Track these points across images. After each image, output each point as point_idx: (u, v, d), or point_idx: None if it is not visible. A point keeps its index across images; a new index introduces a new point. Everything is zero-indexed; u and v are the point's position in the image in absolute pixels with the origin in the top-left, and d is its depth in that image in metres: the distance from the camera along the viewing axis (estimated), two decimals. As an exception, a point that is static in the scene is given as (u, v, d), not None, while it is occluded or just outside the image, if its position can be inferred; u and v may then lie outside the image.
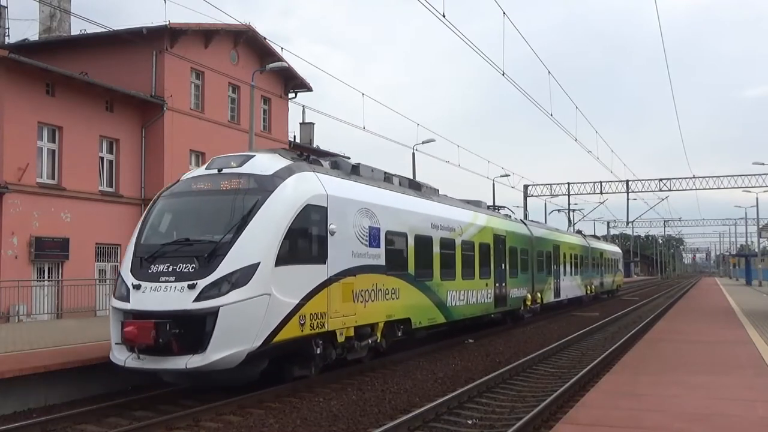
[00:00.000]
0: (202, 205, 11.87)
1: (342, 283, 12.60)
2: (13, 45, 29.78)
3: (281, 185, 11.61)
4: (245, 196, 11.45)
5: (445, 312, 17.45)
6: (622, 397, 9.34)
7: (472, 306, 19.42)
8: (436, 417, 10.05)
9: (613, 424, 7.88)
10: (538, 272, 26.88)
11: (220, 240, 10.88)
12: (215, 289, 10.44)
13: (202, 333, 10.29)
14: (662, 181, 53.02)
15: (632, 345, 16.37)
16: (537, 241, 27.08)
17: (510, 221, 25.05)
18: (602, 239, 55.08)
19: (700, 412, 8.38)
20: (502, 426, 9.53)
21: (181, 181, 12.68)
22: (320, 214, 12.19)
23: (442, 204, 18.58)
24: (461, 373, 14.19)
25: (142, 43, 28.05)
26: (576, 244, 35.82)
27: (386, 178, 16.21)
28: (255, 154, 12.64)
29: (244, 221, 11.03)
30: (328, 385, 12.41)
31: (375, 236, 13.94)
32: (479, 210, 21.80)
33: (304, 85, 38.23)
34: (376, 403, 11.14)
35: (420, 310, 16.03)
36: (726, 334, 17.39)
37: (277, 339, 10.90)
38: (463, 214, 19.76)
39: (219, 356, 10.22)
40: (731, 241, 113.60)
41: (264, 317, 10.66)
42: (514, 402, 11.43)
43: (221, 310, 10.30)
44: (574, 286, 34.06)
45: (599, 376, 12.58)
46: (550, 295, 28.54)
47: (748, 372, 11.38)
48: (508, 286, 22.66)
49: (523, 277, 24.63)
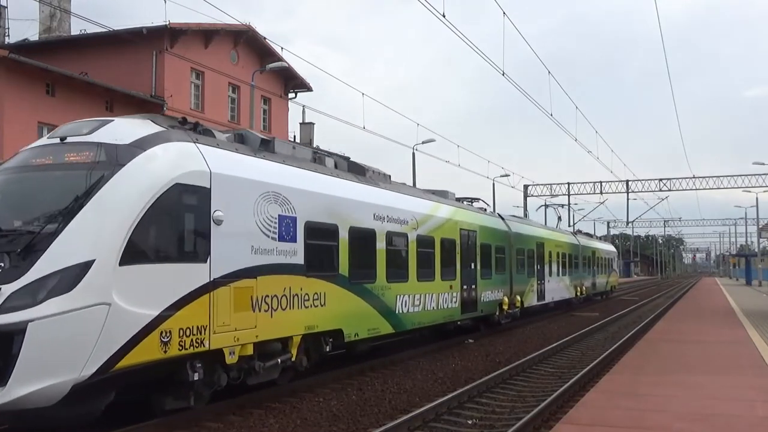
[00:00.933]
0: (31, 184, 9.17)
1: (234, 287, 9.83)
2: (13, 45, 29.77)
3: (139, 157, 8.90)
4: (89, 172, 8.70)
5: (393, 320, 14.58)
6: (622, 397, 9.34)
7: (431, 312, 16.57)
8: (436, 417, 10.05)
9: (613, 424, 7.88)
10: (518, 273, 24.16)
11: (41, 230, 8.18)
12: (26, 296, 7.80)
13: (5, 358, 7.64)
14: (662, 181, 53.07)
15: (632, 345, 16.36)
16: (516, 238, 24.40)
17: (483, 215, 22.12)
18: (595, 237, 51.64)
19: (700, 412, 8.38)
20: (502, 426, 9.52)
21: (19, 153, 9.92)
22: (199, 196, 9.38)
23: (392, 192, 15.50)
24: (461, 373, 14.19)
25: (142, 43, 28.05)
26: (564, 242, 33.17)
27: (316, 159, 13.41)
28: (115, 119, 9.99)
29: (79, 205, 8.35)
30: (328, 385, 12.39)
31: (289, 228, 11.19)
32: (443, 201, 18.79)
33: (304, 85, 38.25)
34: (376, 403, 11.14)
35: (356, 319, 13.14)
36: (726, 335, 17.39)
37: (123, 364, 8.22)
38: (420, 204, 16.68)
39: (27, 390, 7.61)
40: (731, 241, 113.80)
41: (100, 335, 7.97)
42: (514, 402, 11.42)
43: (31, 325, 7.63)
44: (562, 288, 31.38)
45: (599, 376, 12.58)
46: (532, 298, 25.89)
47: (748, 372, 11.38)
48: (479, 288, 19.82)
49: (498, 278, 21.86)
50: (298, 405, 10.81)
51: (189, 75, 31.07)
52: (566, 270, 32.24)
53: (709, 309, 28.00)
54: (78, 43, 30.43)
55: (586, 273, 37.23)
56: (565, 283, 31.93)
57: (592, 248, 40.62)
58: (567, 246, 33.27)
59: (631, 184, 52.78)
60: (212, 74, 31.31)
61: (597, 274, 40.89)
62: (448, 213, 18.34)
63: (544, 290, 27.71)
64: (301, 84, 37.96)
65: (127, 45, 28.02)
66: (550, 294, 28.58)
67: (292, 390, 11.78)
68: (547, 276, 28.33)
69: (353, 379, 13.19)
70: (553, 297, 29.28)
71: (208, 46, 31.71)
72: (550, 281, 28.75)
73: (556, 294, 30.06)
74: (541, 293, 27.19)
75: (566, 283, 32.22)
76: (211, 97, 32.15)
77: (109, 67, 28.38)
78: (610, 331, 22.94)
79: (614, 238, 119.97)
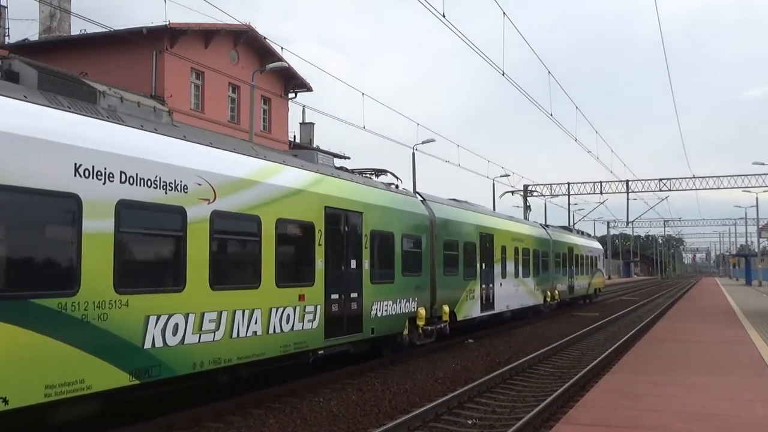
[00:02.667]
0: None
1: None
2: (13, 45, 29.78)
3: None
4: None
5: (139, 363, 8.58)
6: (622, 397, 9.34)
7: (247, 342, 10.37)
8: (436, 417, 10.05)
9: (613, 424, 7.88)
10: (447, 273, 18.20)
11: None
12: None
13: None
14: (662, 181, 53.07)
15: (632, 345, 16.36)
16: (444, 227, 18.27)
17: (381, 191, 15.43)
18: (576, 232, 41.71)
19: (700, 412, 8.38)
20: (502, 426, 9.53)
21: None
22: None
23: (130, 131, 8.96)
24: (461, 373, 14.19)
25: (142, 43, 28.06)
26: (526, 235, 26.62)
27: None
28: None
29: None
30: (328, 385, 12.39)
31: None
32: (292, 162, 12.48)
33: (304, 85, 38.26)
34: (376, 403, 11.14)
35: (23, 369, 7.21)
36: (726, 334, 17.40)
37: None
38: (219, 159, 10.35)
39: None
40: (731, 241, 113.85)
41: None
42: (514, 402, 11.43)
43: None
44: (523, 293, 25.24)
45: (599, 376, 12.57)
46: (473, 308, 19.91)
47: (748, 372, 11.38)
48: (364, 298, 13.76)
49: (405, 281, 15.58)
50: (298, 405, 10.81)
51: (189, 75, 31.07)
52: (530, 270, 26.24)
53: (709, 309, 28.00)
54: (78, 43, 30.45)
55: (559, 274, 31.40)
56: (527, 287, 25.77)
57: (569, 244, 34.06)
58: (531, 240, 27.08)
59: (631, 184, 52.81)
60: (212, 74, 31.31)
61: (576, 275, 34.72)
62: (298, 181, 12.10)
63: (493, 297, 21.60)
64: (301, 84, 37.97)
65: (127, 45, 28.02)
66: (502, 301, 22.48)
67: (292, 390, 11.79)
68: (498, 278, 22.22)
69: (353, 379, 13.19)
70: (508, 305, 23.26)
71: (208, 46, 31.72)
72: (504, 285, 22.67)
73: (513, 301, 24.00)
74: (487, 300, 21.13)
75: (529, 286, 26.08)
76: (211, 97, 32.16)
77: (109, 67, 28.35)
78: (610, 331, 22.94)
79: (614, 238, 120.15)
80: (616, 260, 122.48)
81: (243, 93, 32.94)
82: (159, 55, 29.14)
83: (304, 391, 11.81)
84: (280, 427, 9.55)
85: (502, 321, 24.17)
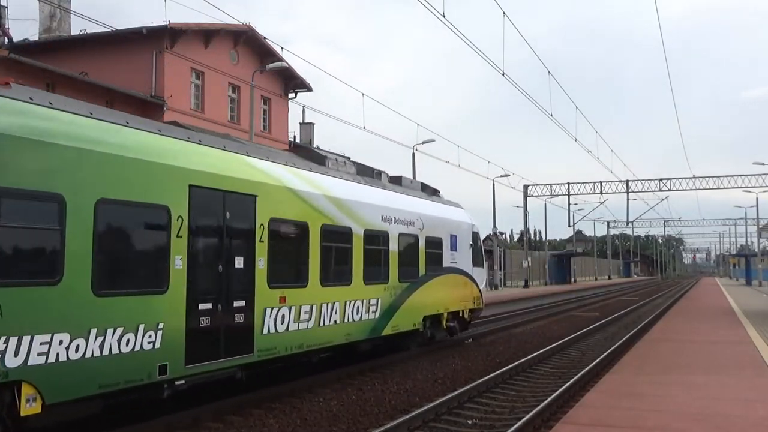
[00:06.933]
0: None
1: None
2: (13, 45, 29.77)
3: None
4: None
5: None
6: (622, 397, 9.34)
7: None
8: (436, 417, 10.05)
9: (613, 424, 7.88)
10: None
11: None
12: None
13: None
14: (662, 181, 53.15)
15: (632, 345, 16.35)
16: None
17: None
18: (413, 184, 17.85)
19: (700, 412, 8.38)
20: (502, 426, 9.53)
21: None
22: None
23: None
24: (461, 373, 14.19)
25: (142, 43, 28.06)
26: None
27: None
28: None
29: None
30: (328, 385, 12.39)
31: None
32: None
33: (304, 85, 38.23)
34: (376, 403, 11.14)
35: None
36: (726, 334, 17.39)
37: None
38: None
39: None
40: (731, 241, 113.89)
41: None
42: (514, 402, 11.43)
43: None
44: None
45: (599, 376, 12.57)
46: None
47: (748, 372, 11.37)
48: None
49: None
50: (298, 405, 10.81)
51: (189, 75, 31.05)
52: None
53: (709, 309, 27.99)
54: (78, 43, 30.43)
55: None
56: None
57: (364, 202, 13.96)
58: None
59: (631, 184, 52.87)
60: (212, 74, 31.32)
61: (394, 282, 14.94)
62: None
63: None
64: (301, 84, 37.94)
65: (127, 45, 28.03)
66: None
67: (292, 390, 11.79)
68: None
69: (353, 379, 13.19)
70: None
71: (208, 46, 31.71)
72: None
73: None
74: None
75: None
76: (211, 97, 32.14)
77: (109, 67, 28.37)
78: (610, 332, 22.94)
79: (614, 238, 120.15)
80: (616, 260, 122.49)
81: (243, 93, 32.92)
82: (159, 55, 29.12)
83: (304, 391, 11.81)
84: (280, 427, 9.55)
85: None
